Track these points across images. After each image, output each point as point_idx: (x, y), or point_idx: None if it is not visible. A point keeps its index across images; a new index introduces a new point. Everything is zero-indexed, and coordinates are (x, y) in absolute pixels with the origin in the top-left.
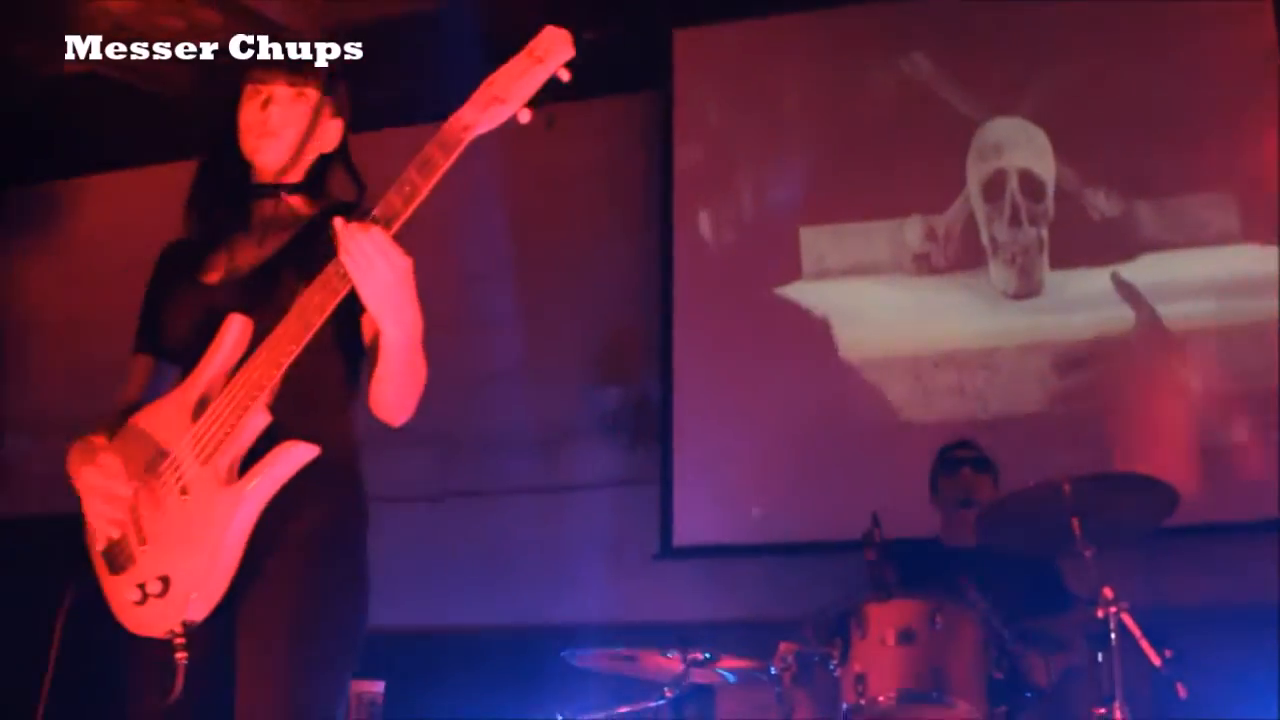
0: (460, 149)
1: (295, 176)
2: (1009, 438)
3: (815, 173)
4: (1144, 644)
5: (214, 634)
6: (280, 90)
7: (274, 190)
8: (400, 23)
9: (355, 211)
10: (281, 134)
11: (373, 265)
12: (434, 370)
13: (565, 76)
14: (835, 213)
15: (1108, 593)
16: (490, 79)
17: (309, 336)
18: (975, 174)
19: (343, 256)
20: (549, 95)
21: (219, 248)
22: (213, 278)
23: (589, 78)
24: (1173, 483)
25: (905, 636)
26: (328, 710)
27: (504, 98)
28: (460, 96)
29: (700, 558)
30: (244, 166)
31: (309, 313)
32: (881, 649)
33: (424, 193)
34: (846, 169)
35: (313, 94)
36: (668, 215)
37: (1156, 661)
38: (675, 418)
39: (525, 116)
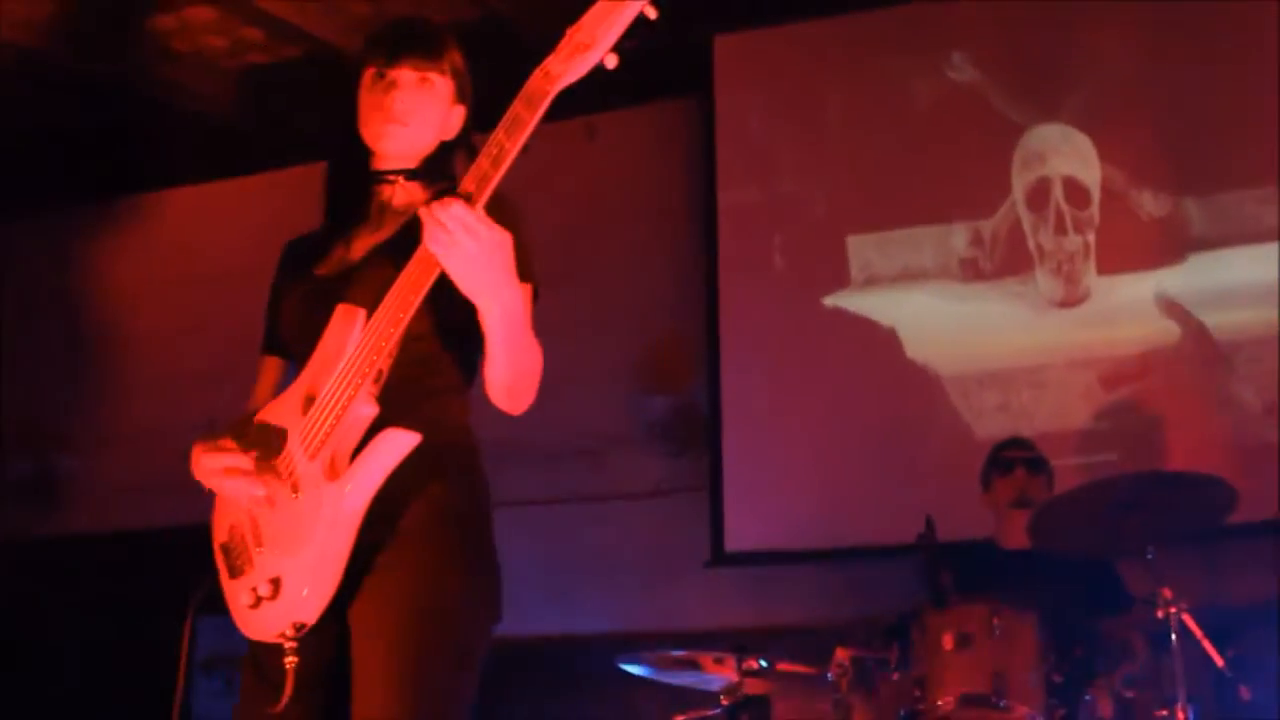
0: (547, 101)
1: (413, 162)
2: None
3: (860, 178)
4: (1206, 644)
5: (327, 637)
6: (405, 75)
7: (393, 177)
8: None
9: (441, 189)
10: (408, 121)
11: (456, 242)
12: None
13: (652, 14)
14: (881, 219)
15: (1167, 593)
16: (575, 26)
17: (406, 320)
18: (1020, 182)
19: (425, 236)
20: (591, 106)
21: (338, 239)
22: (324, 269)
23: (630, 85)
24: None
25: (963, 641)
26: (449, 712)
27: (589, 43)
28: (502, 106)
29: (751, 564)
30: (366, 154)
31: (404, 295)
32: (940, 653)
33: (512, 154)
34: (891, 173)
35: (437, 79)
36: (711, 222)
37: (1219, 662)
38: (724, 424)
39: (611, 62)
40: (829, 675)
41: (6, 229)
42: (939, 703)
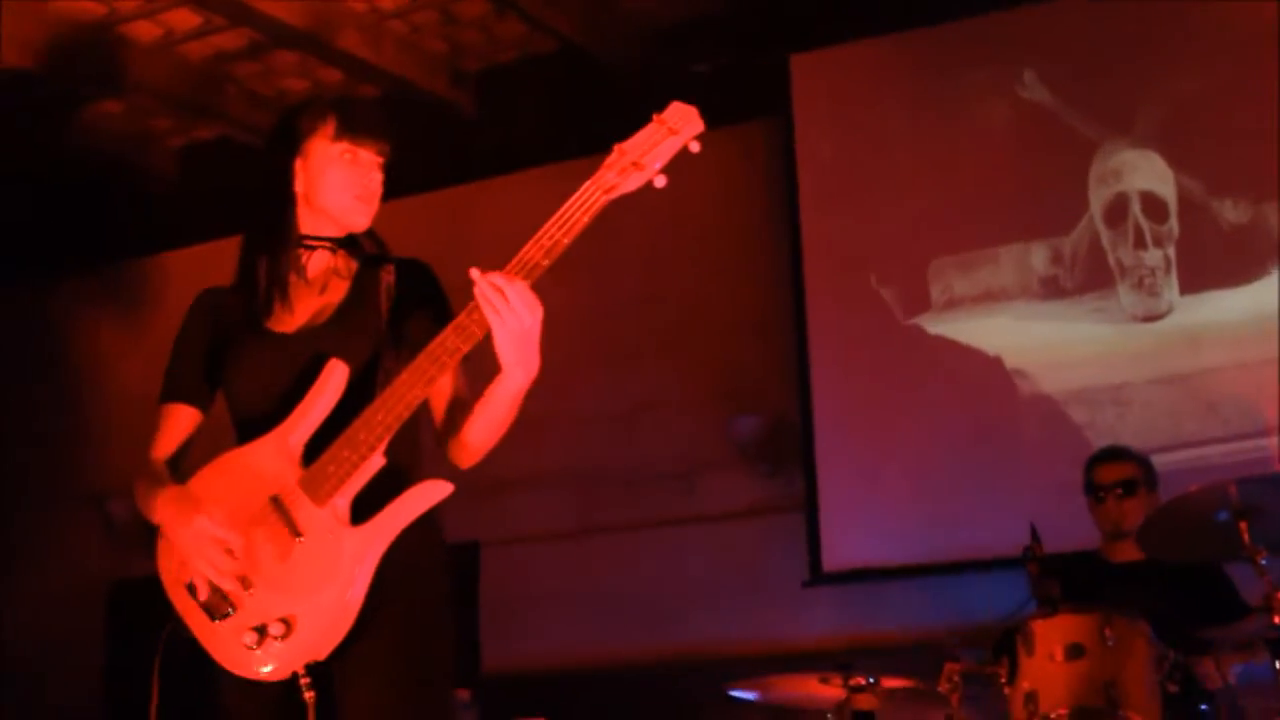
0: (599, 209)
1: (337, 231)
2: None
3: (937, 195)
4: None
5: (317, 672)
6: (371, 158)
7: (330, 244)
8: (514, 68)
9: (398, 267)
10: (376, 200)
11: (515, 314)
12: (573, 407)
13: (696, 148)
14: (960, 239)
15: None
16: (623, 146)
17: (439, 380)
18: (1096, 198)
19: (482, 305)
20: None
21: (273, 298)
22: (284, 327)
23: (711, 108)
24: None
25: (1074, 651)
26: None
27: (642, 164)
28: (579, 139)
29: (851, 582)
30: (292, 217)
31: (441, 356)
32: (1050, 665)
33: (564, 248)
34: (968, 192)
35: (382, 159)
36: (796, 241)
37: None
38: (816, 441)
39: (661, 181)
40: (939, 690)
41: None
42: (1051, 715)
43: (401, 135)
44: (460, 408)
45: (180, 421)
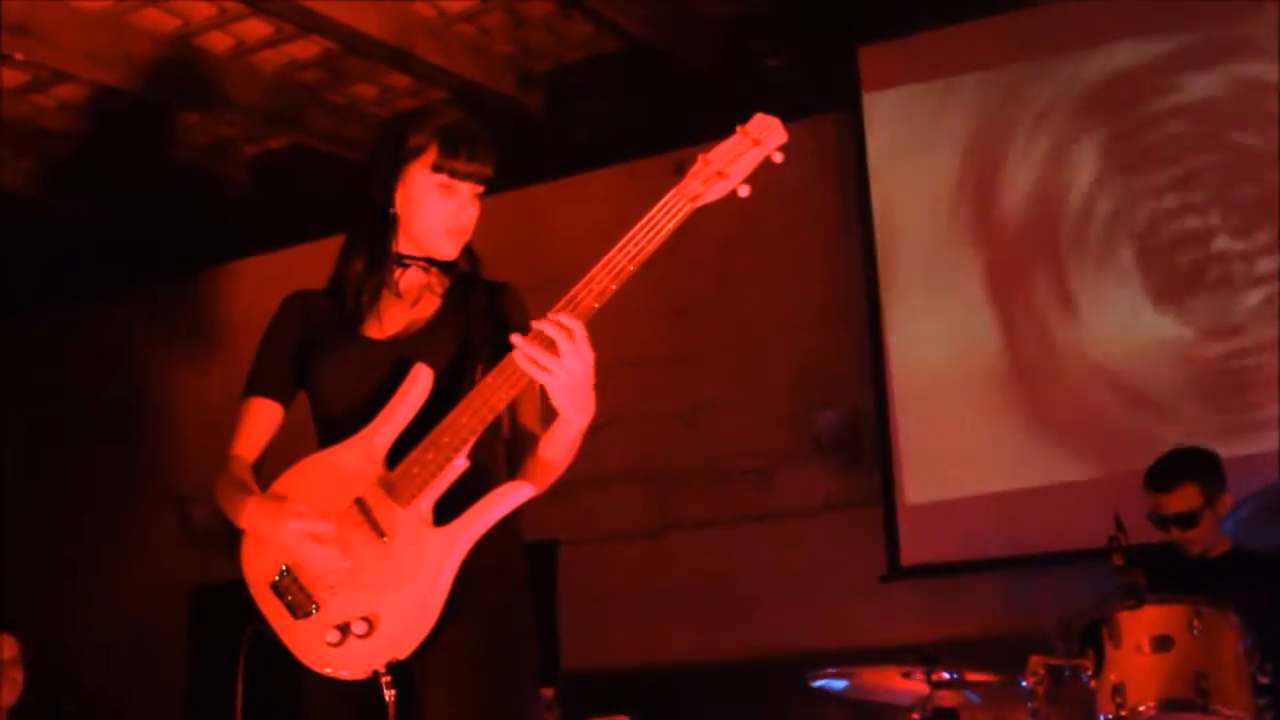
0: (684, 218)
1: (451, 258)
2: None
3: (1009, 176)
4: None
5: (398, 672)
6: (469, 189)
7: (424, 263)
8: (582, 67)
9: (489, 287)
10: (467, 233)
11: (565, 369)
12: (646, 405)
13: (779, 159)
14: (1039, 233)
15: None
16: (707, 156)
17: (519, 390)
18: None
19: (527, 369)
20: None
21: (361, 306)
22: (376, 334)
23: (782, 101)
24: None
25: (1162, 643)
26: None
27: (727, 174)
28: (647, 137)
29: (930, 576)
30: (393, 230)
31: (519, 372)
32: (1138, 657)
33: (647, 255)
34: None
35: (481, 188)
36: (869, 232)
37: None
38: (893, 435)
39: (745, 191)
40: (1024, 684)
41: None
42: (1140, 708)
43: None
44: (527, 442)
45: (264, 417)
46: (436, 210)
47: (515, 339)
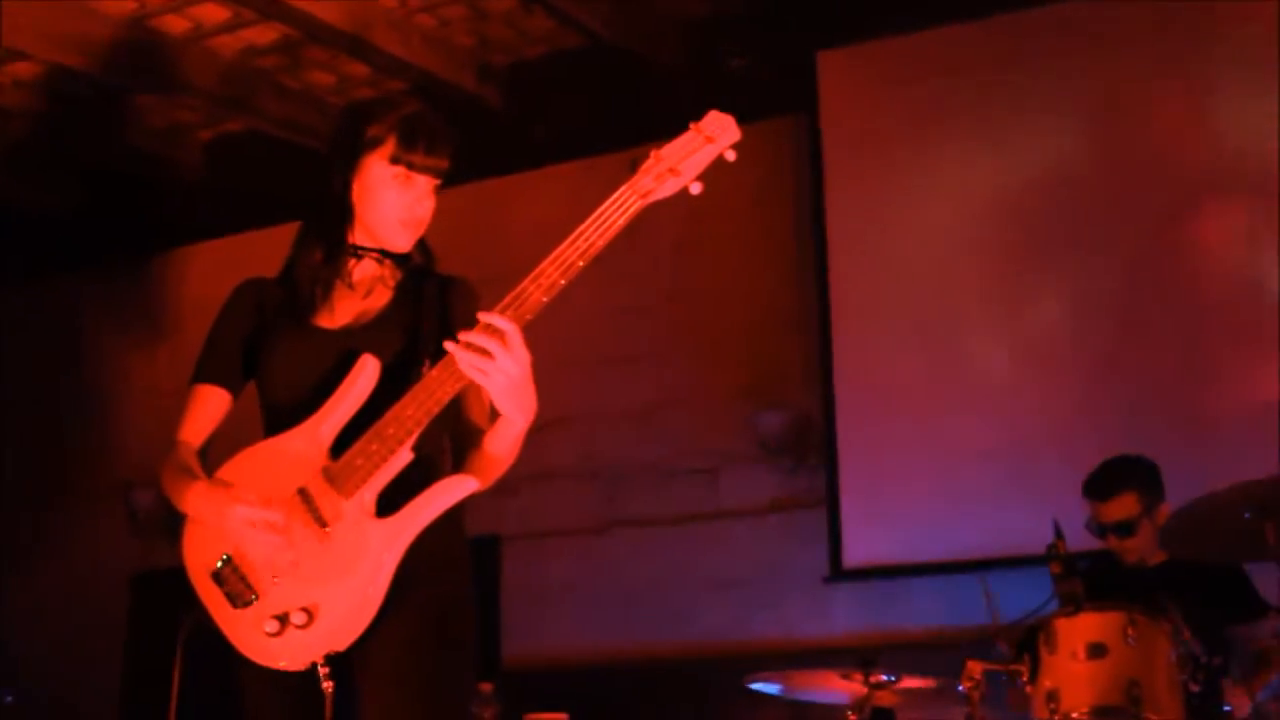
0: (634, 214)
1: (405, 250)
2: None
3: (969, 193)
4: None
5: (337, 664)
6: (426, 182)
7: (378, 254)
8: (542, 63)
9: (442, 281)
10: (423, 225)
11: (501, 370)
12: (596, 403)
13: (731, 157)
14: (988, 240)
15: None
16: (659, 152)
17: (464, 384)
18: None
19: (467, 371)
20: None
21: (314, 296)
22: (327, 324)
23: (735, 105)
24: None
25: (1096, 650)
26: None
27: (679, 171)
28: (606, 135)
29: (872, 579)
30: (348, 221)
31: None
32: (1073, 663)
33: (597, 250)
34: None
35: (438, 180)
36: (821, 237)
37: None
38: (839, 438)
39: (697, 189)
40: (960, 688)
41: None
42: (1073, 714)
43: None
44: (472, 436)
45: (211, 404)
46: (392, 202)
47: (448, 345)
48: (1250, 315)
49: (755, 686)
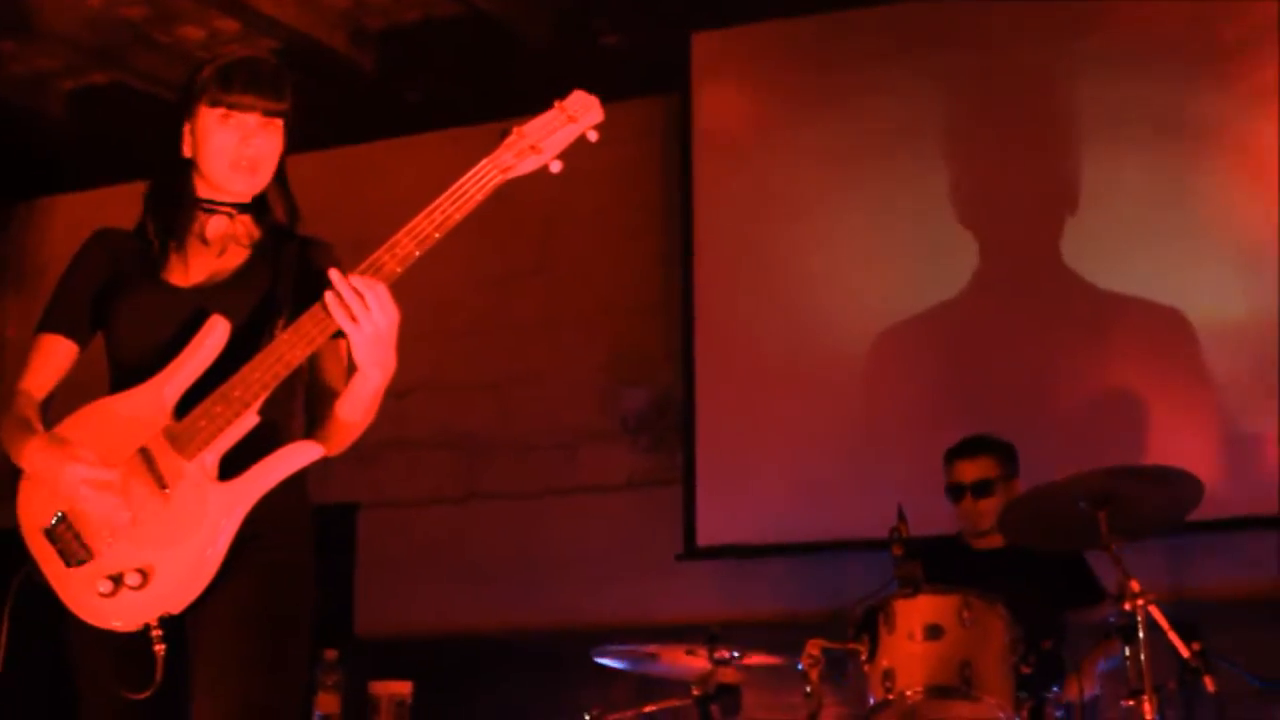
0: (493, 188)
1: (243, 197)
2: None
3: (837, 178)
4: (1172, 636)
5: (171, 626)
6: (254, 119)
7: (228, 208)
8: (417, 29)
9: (302, 243)
10: (260, 168)
11: (370, 319)
12: (458, 374)
13: (594, 137)
14: (855, 228)
15: (1135, 585)
16: (522, 129)
17: (316, 345)
18: None
19: (334, 312)
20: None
21: (169, 253)
22: (180, 281)
23: (610, 82)
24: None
25: (933, 632)
26: (289, 706)
27: (540, 149)
28: (478, 105)
29: (724, 557)
30: (190, 177)
31: (315, 329)
32: (909, 644)
33: (454, 223)
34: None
35: (278, 123)
36: (688, 217)
37: (1185, 654)
38: (697, 418)
39: (557, 167)
40: (800, 666)
41: None
42: (907, 693)
43: (298, 92)
44: (326, 400)
45: (57, 355)
46: (219, 145)
47: (333, 274)
48: (1090, 310)
49: (602, 660)
